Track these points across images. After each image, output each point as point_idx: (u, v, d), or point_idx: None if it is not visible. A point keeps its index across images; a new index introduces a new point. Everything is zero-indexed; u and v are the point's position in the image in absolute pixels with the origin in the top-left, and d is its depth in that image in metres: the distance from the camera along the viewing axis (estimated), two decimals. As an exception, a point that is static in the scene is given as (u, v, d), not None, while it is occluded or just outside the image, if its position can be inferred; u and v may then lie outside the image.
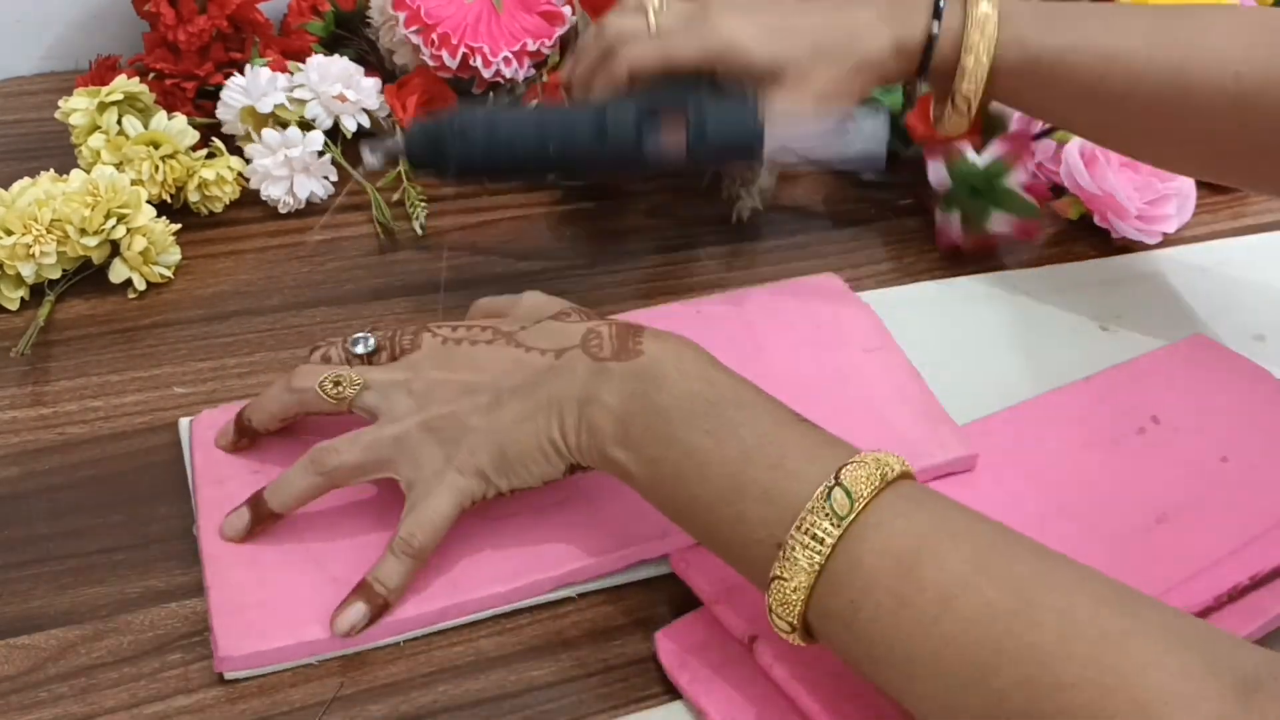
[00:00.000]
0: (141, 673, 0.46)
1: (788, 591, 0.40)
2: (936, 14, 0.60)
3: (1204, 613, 0.49)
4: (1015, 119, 0.74)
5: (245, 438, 0.53)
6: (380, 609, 0.47)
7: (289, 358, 0.61)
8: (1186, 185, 0.75)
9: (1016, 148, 0.71)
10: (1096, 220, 0.74)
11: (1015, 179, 0.70)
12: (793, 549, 0.40)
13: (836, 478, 0.40)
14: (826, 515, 0.40)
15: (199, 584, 0.49)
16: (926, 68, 0.61)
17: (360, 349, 0.52)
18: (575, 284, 0.69)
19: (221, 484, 0.52)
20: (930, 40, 0.60)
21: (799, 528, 0.40)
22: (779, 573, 0.40)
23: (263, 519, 0.49)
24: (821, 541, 0.40)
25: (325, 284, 0.67)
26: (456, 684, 0.47)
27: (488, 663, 0.48)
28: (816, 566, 0.40)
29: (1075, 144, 0.73)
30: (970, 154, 0.71)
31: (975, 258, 0.72)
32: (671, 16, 0.61)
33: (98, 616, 0.48)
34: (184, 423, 0.56)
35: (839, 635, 0.40)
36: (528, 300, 0.54)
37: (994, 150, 0.71)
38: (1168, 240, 0.76)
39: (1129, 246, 0.75)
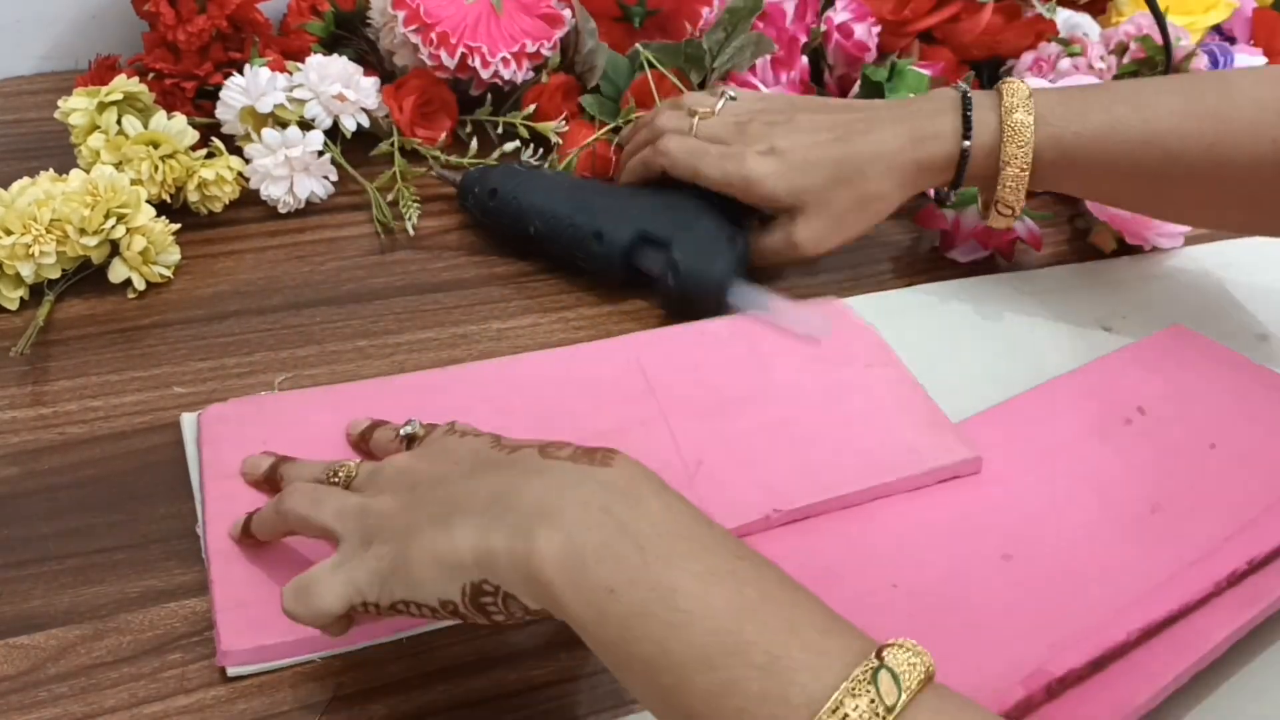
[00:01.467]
0: (141, 673, 0.46)
1: None
2: (966, 128, 0.62)
3: (1204, 599, 0.49)
4: None
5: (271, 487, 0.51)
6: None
7: (288, 357, 0.61)
8: None
9: None
10: (1129, 240, 0.74)
11: None
12: None
13: (880, 659, 0.34)
14: (871, 704, 0.33)
15: (199, 584, 0.49)
16: (959, 181, 0.63)
17: (407, 430, 0.50)
18: (575, 284, 0.69)
19: (228, 479, 0.52)
20: (963, 156, 0.62)
21: (833, 711, 0.33)
22: None
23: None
24: None
25: (325, 284, 0.67)
26: (456, 684, 0.47)
27: (488, 663, 0.47)
28: None
29: None
30: None
31: (976, 260, 0.73)
32: (711, 129, 0.66)
33: (97, 616, 0.48)
34: (188, 418, 0.56)
35: None
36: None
37: None
38: (1167, 240, 0.76)
39: (1131, 248, 0.75)
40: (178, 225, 0.66)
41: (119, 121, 0.67)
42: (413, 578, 0.39)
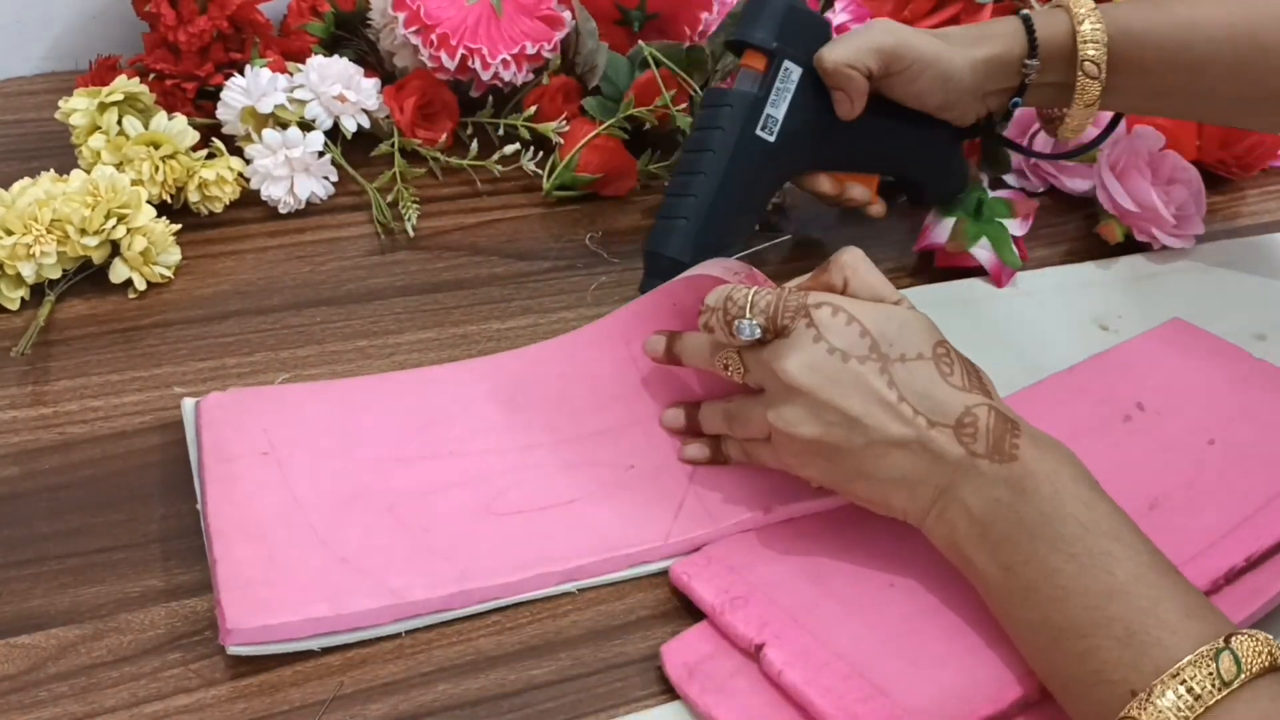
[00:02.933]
0: (141, 672, 0.46)
1: None
2: (1032, 44, 0.64)
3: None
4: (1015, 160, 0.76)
5: (669, 361, 0.57)
6: (719, 463, 0.55)
7: (289, 357, 0.61)
8: (1197, 181, 0.76)
9: (1026, 208, 0.72)
10: (1138, 236, 0.75)
11: (1013, 228, 0.72)
12: (1160, 695, 0.39)
13: (1227, 642, 0.39)
14: (1210, 676, 0.38)
15: (199, 583, 0.49)
16: (1024, 87, 0.65)
17: (747, 335, 0.50)
18: (575, 284, 0.69)
19: (230, 462, 0.52)
20: (1032, 48, 0.64)
21: (1174, 676, 0.39)
22: (1137, 716, 0.39)
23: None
24: (1198, 699, 0.38)
25: (325, 284, 0.67)
26: (456, 683, 0.47)
27: (488, 662, 0.48)
28: None
29: (1104, 159, 0.74)
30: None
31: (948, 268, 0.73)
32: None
33: (98, 616, 0.48)
34: (188, 403, 0.56)
35: None
36: (881, 289, 0.52)
37: (1006, 194, 0.74)
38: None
39: (1130, 248, 0.75)
40: (178, 225, 0.66)
41: (120, 122, 0.67)
42: (846, 496, 0.50)
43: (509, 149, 0.76)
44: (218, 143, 0.70)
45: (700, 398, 0.58)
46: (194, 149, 0.69)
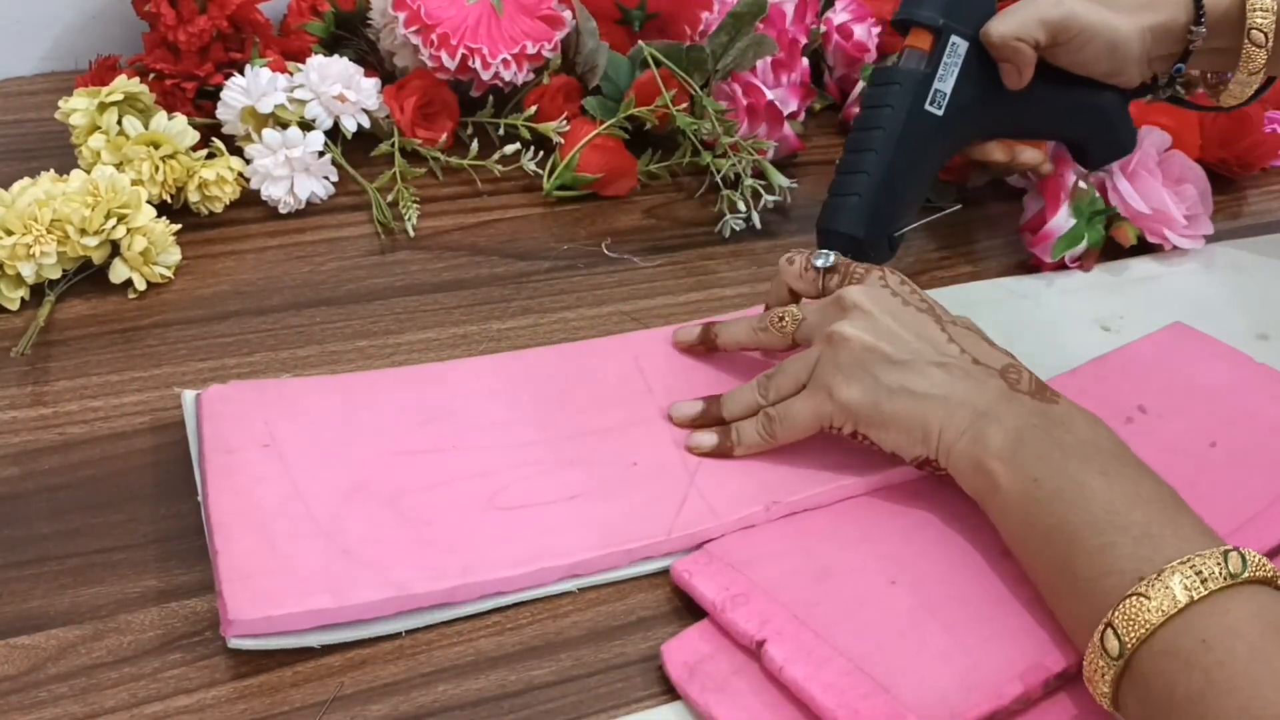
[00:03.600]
0: (142, 673, 0.46)
1: (1146, 611, 0.41)
2: (1199, 8, 0.65)
3: None
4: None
5: (704, 346, 0.61)
6: (725, 453, 0.55)
7: (289, 358, 0.61)
8: (1204, 180, 0.77)
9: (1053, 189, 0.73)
10: (1150, 238, 0.75)
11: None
12: (1169, 575, 0.41)
13: (1237, 548, 0.42)
14: (1218, 564, 0.41)
15: (199, 583, 0.49)
16: (1189, 54, 0.66)
17: (820, 263, 0.58)
18: (575, 284, 0.69)
19: (231, 453, 0.52)
20: (1199, 16, 0.65)
21: (1185, 562, 0.41)
22: (1143, 591, 0.41)
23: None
24: (1205, 581, 0.41)
25: (325, 284, 0.67)
26: (456, 684, 0.47)
27: (488, 663, 0.47)
28: (1188, 598, 0.41)
29: (1118, 168, 0.74)
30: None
31: (967, 260, 0.73)
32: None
33: (98, 616, 0.48)
34: (188, 395, 0.55)
35: (1171, 674, 0.40)
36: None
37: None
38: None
39: (1140, 249, 0.75)
40: (178, 225, 0.66)
41: (120, 122, 0.67)
42: (881, 429, 0.52)
43: (509, 149, 0.76)
44: (218, 143, 0.70)
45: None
46: (194, 149, 0.69)
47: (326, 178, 0.72)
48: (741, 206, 0.73)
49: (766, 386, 0.56)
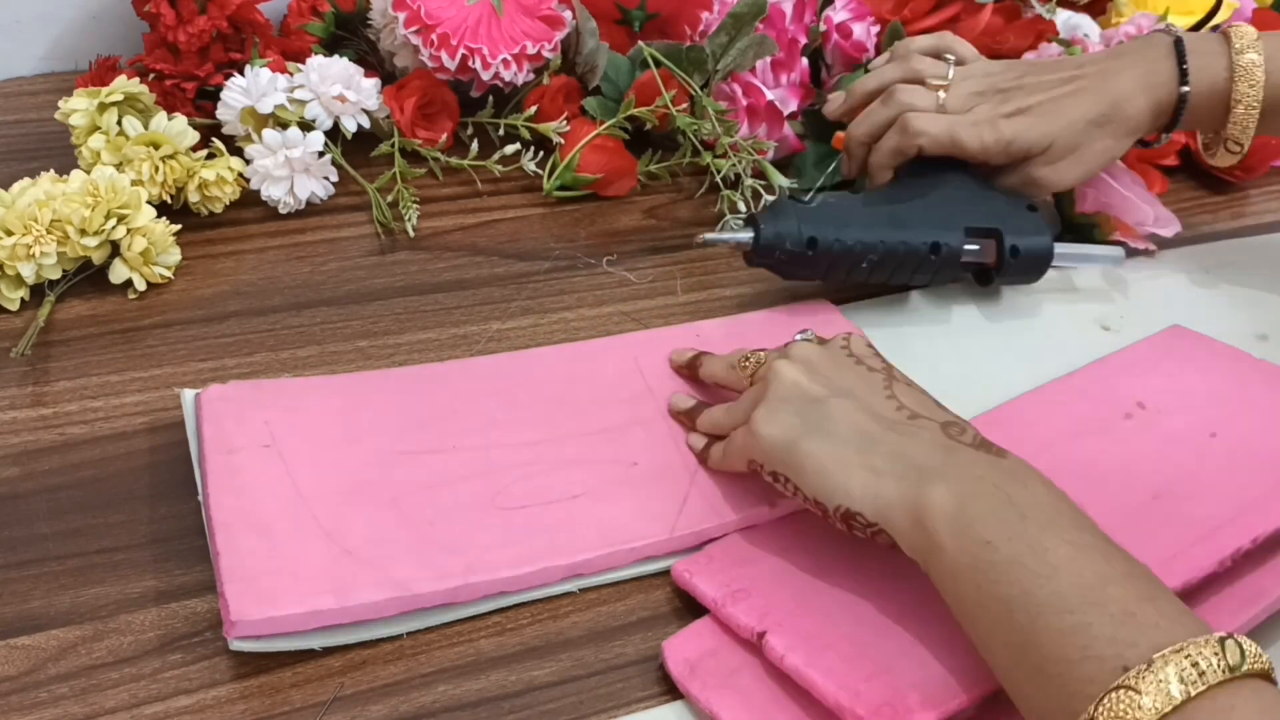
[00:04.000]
0: (142, 673, 0.46)
1: (1137, 709, 0.36)
2: (1183, 76, 0.66)
3: (1209, 580, 0.49)
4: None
5: (689, 371, 0.60)
6: (702, 461, 0.55)
7: (289, 358, 0.61)
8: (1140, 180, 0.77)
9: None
10: (1123, 236, 0.74)
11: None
12: (1162, 666, 0.36)
13: (1232, 635, 0.37)
14: (1216, 654, 0.36)
15: (200, 584, 0.49)
16: (1175, 125, 0.68)
17: (800, 338, 0.55)
18: (575, 284, 0.69)
19: (231, 454, 0.52)
20: (1181, 101, 0.66)
21: (1178, 650, 0.36)
22: (1132, 684, 0.36)
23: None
24: (1202, 675, 0.36)
25: (325, 284, 0.67)
26: (456, 684, 0.47)
27: (488, 663, 0.47)
28: (1184, 694, 0.35)
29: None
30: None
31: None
32: (958, 100, 0.68)
33: (98, 617, 0.48)
34: (188, 395, 0.55)
35: None
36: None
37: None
38: (1168, 241, 0.76)
39: (1129, 249, 0.75)
40: (178, 226, 0.66)
41: (119, 122, 0.67)
42: (798, 472, 0.48)
43: (509, 149, 0.76)
44: (218, 143, 0.70)
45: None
46: (194, 149, 0.69)
47: (326, 178, 0.72)
48: (742, 207, 0.73)
49: (727, 416, 0.55)
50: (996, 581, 0.41)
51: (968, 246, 0.66)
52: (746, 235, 0.64)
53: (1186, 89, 0.66)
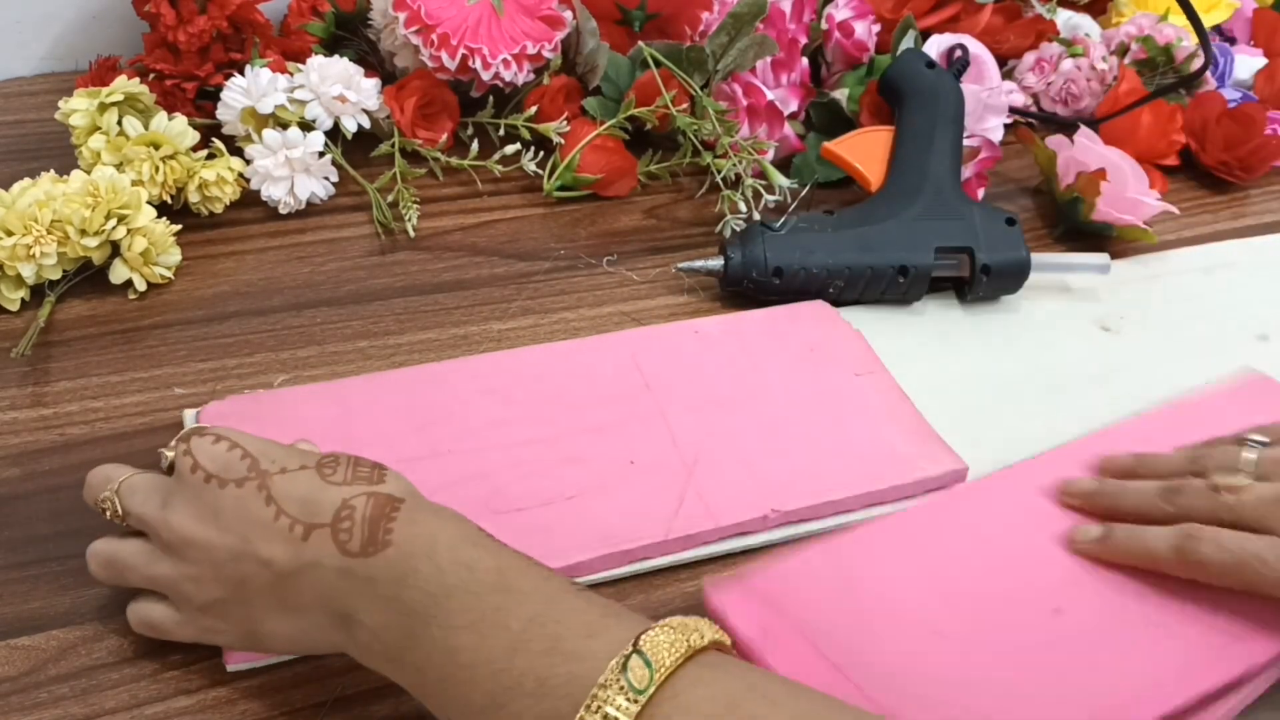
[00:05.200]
0: (142, 674, 0.46)
1: None
2: None
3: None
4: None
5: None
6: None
7: (289, 358, 0.61)
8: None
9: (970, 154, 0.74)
10: (1103, 218, 0.74)
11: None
12: None
13: (635, 645, 0.36)
14: (622, 690, 0.35)
15: (199, 585, 0.49)
16: None
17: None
18: (576, 284, 0.69)
19: None
20: None
21: (589, 707, 0.35)
22: None
23: None
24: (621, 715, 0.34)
25: (325, 285, 0.67)
26: (457, 685, 0.46)
27: (488, 663, 0.47)
28: None
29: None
30: None
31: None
32: (1253, 509, 0.48)
33: (99, 617, 0.48)
34: (189, 414, 0.56)
35: None
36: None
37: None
38: (1168, 242, 0.76)
39: (1129, 249, 0.75)
40: (178, 226, 0.66)
41: (120, 122, 0.67)
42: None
43: (510, 149, 0.76)
44: (218, 143, 0.70)
45: None
46: (194, 149, 0.69)
47: (327, 178, 0.72)
48: (743, 207, 0.73)
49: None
50: (447, 702, 0.39)
51: (940, 262, 0.67)
52: (717, 264, 0.67)
53: None
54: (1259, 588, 0.47)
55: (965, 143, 0.73)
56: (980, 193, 0.76)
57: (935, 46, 0.80)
